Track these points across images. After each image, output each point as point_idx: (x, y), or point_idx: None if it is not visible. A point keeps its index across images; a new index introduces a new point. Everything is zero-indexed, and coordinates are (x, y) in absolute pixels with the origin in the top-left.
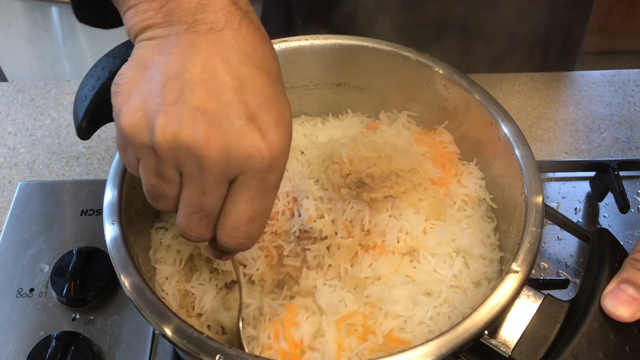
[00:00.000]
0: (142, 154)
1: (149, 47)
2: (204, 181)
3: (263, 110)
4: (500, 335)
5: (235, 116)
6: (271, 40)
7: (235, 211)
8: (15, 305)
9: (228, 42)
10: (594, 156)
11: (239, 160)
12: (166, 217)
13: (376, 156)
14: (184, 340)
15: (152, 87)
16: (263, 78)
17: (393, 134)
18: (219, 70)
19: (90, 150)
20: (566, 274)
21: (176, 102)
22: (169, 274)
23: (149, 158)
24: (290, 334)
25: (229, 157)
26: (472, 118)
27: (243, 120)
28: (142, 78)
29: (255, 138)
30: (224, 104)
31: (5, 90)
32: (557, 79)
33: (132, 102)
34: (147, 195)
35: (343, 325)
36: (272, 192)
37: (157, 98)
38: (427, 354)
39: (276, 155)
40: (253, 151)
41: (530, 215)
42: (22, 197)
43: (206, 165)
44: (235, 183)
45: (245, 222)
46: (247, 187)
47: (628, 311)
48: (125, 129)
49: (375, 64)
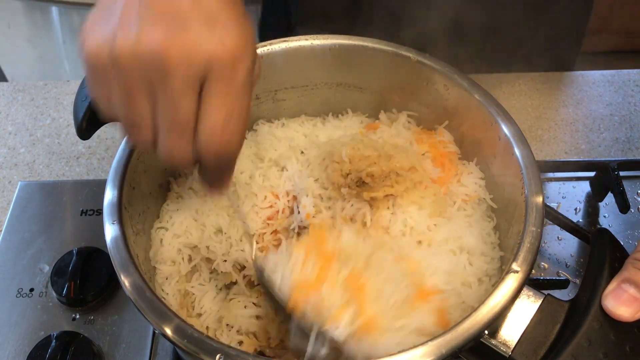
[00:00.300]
0: (108, 78)
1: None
2: (172, 89)
3: (222, 13)
4: (500, 335)
5: (194, 19)
6: (271, 40)
7: (209, 115)
8: (15, 305)
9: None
10: (594, 156)
11: (201, 60)
12: (166, 217)
13: (376, 155)
14: (184, 340)
15: (111, 16)
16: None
17: (393, 134)
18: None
19: (90, 150)
20: (566, 274)
21: (134, 18)
22: (168, 274)
23: (115, 81)
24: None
25: (190, 59)
26: (472, 118)
27: (202, 22)
28: (103, 13)
29: (215, 37)
30: (182, 11)
31: (5, 90)
32: (557, 79)
33: (93, 34)
34: (125, 129)
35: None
36: (243, 90)
37: (115, 20)
38: (427, 354)
39: (238, 50)
40: (214, 48)
41: (530, 215)
42: (22, 197)
43: (169, 70)
44: (204, 88)
45: (222, 124)
46: (215, 87)
47: (629, 311)
48: (88, 56)
49: (375, 64)
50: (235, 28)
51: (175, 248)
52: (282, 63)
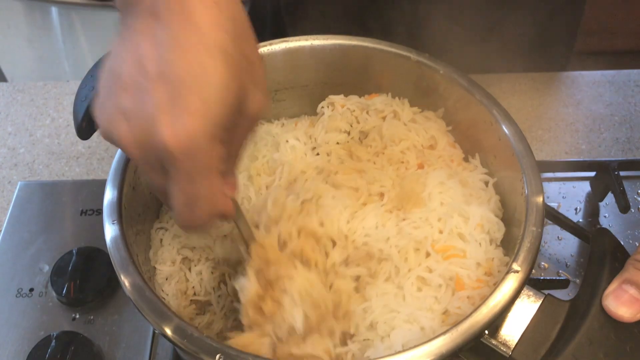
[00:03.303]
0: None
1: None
2: (143, 171)
3: (190, 81)
4: (500, 335)
5: (155, 93)
6: (271, 39)
7: (171, 196)
8: (15, 305)
9: (160, 26)
10: (594, 156)
11: (153, 152)
12: (166, 218)
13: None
14: (184, 340)
15: (102, 85)
16: (187, 58)
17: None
18: (146, 58)
19: (90, 150)
20: (566, 274)
21: (108, 98)
22: (168, 274)
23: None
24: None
25: (144, 151)
26: (472, 118)
27: (163, 96)
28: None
29: (163, 129)
30: (145, 81)
31: (5, 90)
32: (557, 79)
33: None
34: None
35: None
36: (199, 179)
37: (101, 96)
38: (427, 354)
39: (183, 144)
40: (159, 142)
41: (531, 215)
42: (22, 197)
43: (134, 158)
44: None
45: (182, 207)
46: (171, 174)
47: (629, 311)
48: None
49: (375, 64)
50: (187, 116)
51: (175, 248)
52: (282, 63)
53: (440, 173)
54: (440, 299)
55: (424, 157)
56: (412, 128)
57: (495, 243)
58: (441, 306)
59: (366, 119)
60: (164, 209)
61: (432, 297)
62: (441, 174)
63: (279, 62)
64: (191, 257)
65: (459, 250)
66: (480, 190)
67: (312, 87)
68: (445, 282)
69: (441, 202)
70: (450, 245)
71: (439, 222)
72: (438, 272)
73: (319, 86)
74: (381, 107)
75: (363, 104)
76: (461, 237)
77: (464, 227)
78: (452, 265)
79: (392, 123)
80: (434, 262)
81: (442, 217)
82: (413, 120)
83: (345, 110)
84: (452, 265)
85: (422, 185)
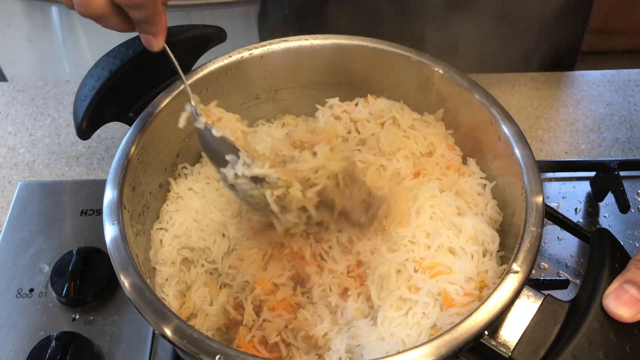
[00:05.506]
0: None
1: None
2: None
3: None
4: (500, 336)
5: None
6: (271, 40)
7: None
8: (15, 305)
9: None
10: (594, 156)
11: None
12: (166, 218)
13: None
14: (184, 340)
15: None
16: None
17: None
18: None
19: (90, 150)
20: (566, 274)
21: None
22: (168, 275)
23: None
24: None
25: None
26: (472, 118)
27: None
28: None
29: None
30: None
31: (5, 90)
32: (557, 79)
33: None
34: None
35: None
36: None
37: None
38: (427, 354)
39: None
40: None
41: (531, 215)
42: (22, 197)
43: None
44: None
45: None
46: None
47: (629, 312)
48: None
49: (375, 64)
50: None
51: (175, 249)
52: (282, 63)
53: (433, 185)
54: (429, 314)
55: (421, 165)
56: (410, 135)
57: (490, 254)
58: (429, 321)
59: (364, 125)
60: (164, 210)
61: (420, 314)
62: (434, 187)
63: (279, 62)
64: (191, 258)
65: (444, 267)
66: (476, 196)
67: (312, 87)
68: (434, 298)
69: (431, 216)
70: (436, 262)
71: (427, 238)
72: (425, 289)
73: (319, 86)
74: (380, 112)
75: (362, 111)
76: (451, 252)
77: (455, 240)
78: (439, 282)
79: (391, 131)
80: (420, 281)
81: (431, 232)
82: (412, 127)
83: (344, 115)
84: (439, 282)
85: (413, 198)
